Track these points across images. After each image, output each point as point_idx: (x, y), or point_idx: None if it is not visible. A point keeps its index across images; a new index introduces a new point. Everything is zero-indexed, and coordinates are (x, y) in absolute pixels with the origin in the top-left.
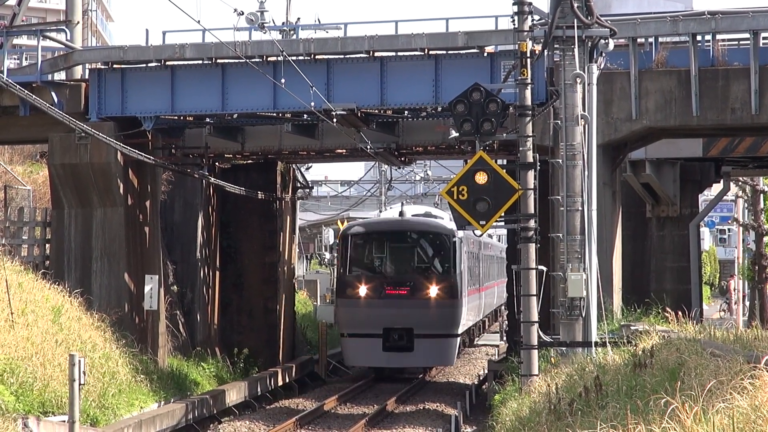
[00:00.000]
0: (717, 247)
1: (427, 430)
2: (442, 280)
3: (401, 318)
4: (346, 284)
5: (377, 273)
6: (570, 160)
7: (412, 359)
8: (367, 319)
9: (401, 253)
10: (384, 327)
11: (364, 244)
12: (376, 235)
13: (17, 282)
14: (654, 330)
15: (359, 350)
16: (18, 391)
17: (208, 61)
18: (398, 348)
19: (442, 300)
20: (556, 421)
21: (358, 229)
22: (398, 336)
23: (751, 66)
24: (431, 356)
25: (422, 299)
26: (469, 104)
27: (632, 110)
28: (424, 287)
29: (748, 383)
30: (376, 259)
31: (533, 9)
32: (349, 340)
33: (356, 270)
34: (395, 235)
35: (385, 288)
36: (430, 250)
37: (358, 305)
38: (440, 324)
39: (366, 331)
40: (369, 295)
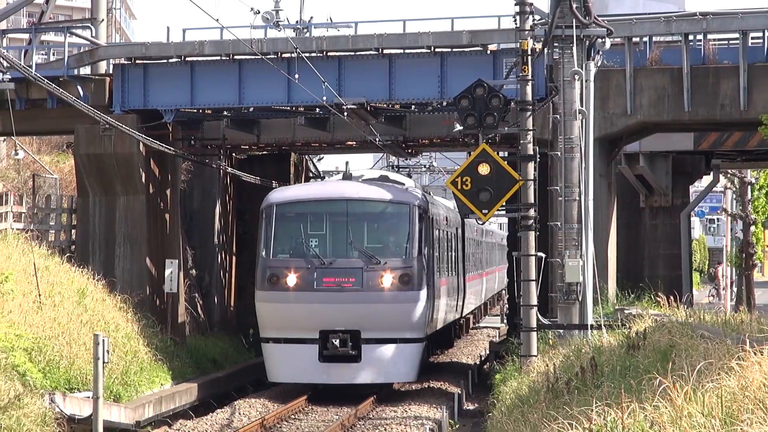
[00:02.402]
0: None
1: (431, 407)
2: (399, 265)
3: (344, 317)
4: (270, 272)
5: (311, 257)
6: (568, 153)
7: (358, 373)
8: (298, 319)
9: (344, 230)
10: (320, 329)
11: (295, 218)
12: (310, 205)
13: (44, 265)
14: (647, 314)
15: (287, 361)
16: (45, 369)
17: (226, 58)
18: (340, 358)
19: (400, 292)
20: (553, 399)
21: (285, 197)
22: (340, 341)
23: (740, 64)
24: (384, 369)
25: (372, 292)
26: (473, 99)
27: (627, 106)
28: (374, 276)
29: (735, 364)
30: (310, 239)
31: (534, 9)
32: (272, 348)
33: (283, 253)
34: (336, 205)
35: (321, 277)
36: (385, 226)
37: (284, 300)
38: (397, 324)
39: (296, 336)
40: (300, 287)
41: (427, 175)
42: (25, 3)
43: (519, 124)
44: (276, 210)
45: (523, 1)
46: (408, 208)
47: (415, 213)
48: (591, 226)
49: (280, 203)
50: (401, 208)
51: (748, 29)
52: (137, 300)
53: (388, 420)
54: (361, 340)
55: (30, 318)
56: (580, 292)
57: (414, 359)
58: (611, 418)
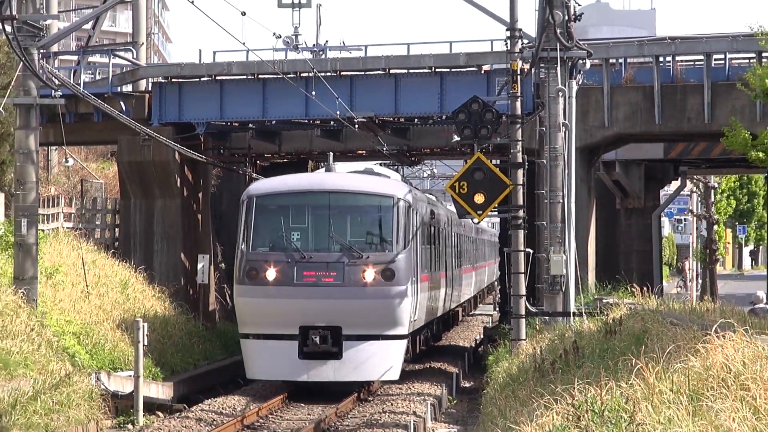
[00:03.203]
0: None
1: (432, 385)
2: (382, 260)
3: (324, 313)
4: (249, 266)
5: (292, 251)
6: (553, 161)
7: (339, 370)
8: (277, 315)
9: (326, 223)
10: (300, 325)
11: (275, 211)
12: (291, 197)
13: (91, 260)
14: (622, 303)
15: (266, 358)
16: (92, 351)
17: (251, 77)
18: (320, 355)
19: (382, 287)
20: (540, 378)
21: (266, 189)
22: (320, 338)
23: (705, 83)
24: (366, 366)
25: (354, 287)
26: (469, 114)
27: (605, 119)
28: (356, 270)
29: (700, 347)
30: (291, 232)
31: (523, 34)
32: (251, 344)
33: (262, 246)
34: (318, 198)
35: (301, 271)
36: (368, 219)
37: (263, 295)
38: (379, 321)
39: (275, 331)
40: (280, 281)
41: (429, 180)
42: (74, 28)
43: (509, 136)
44: (256, 202)
45: (513, 27)
46: (391, 201)
47: (399, 206)
48: (573, 226)
49: (260, 195)
50: (385, 200)
51: (712, 52)
52: (173, 290)
53: (394, 396)
54: (342, 337)
55: (78, 306)
56: (564, 284)
57: (397, 357)
58: (591, 394)
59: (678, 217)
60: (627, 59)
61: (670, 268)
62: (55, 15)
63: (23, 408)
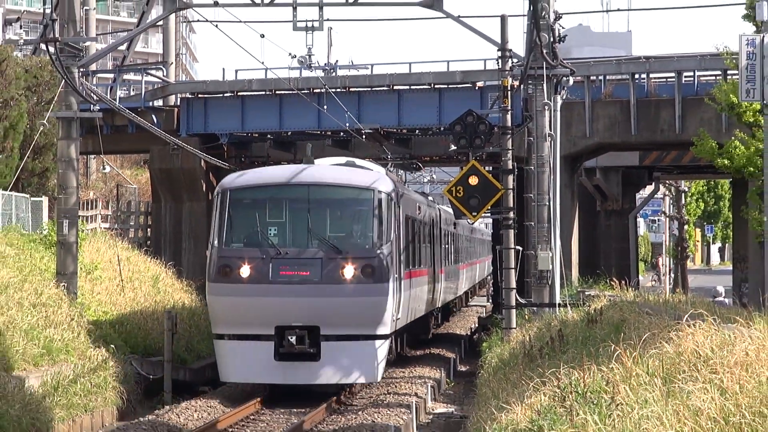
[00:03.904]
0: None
1: (432, 369)
2: (362, 256)
3: (302, 312)
4: (221, 263)
5: (267, 246)
6: (540, 168)
7: (317, 373)
8: (252, 314)
9: (304, 217)
10: (277, 325)
11: (250, 204)
12: (267, 190)
13: (126, 257)
14: (603, 295)
15: (240, 359)
16: (126, 338)
17: (269, 92)
18: (298, 356)
19: (363, 285)
20: (529, 362)
21: (241, 181)
22: (297, 338)
23: (676, 98)
24: (345, 368)
25: (332, 284)
26: (465, 125)
27: (586, 130)
28: (336, 267)
29: (673, 335)
30: (267, 226)
31: (512, 54)
32: (225, 345)
33: (236, 242)
34: (295, 191)
35: (278, 268)
36: (348, 214)
37: (237, 293)
38: (359, 320)
39: (250, 331)
40: (255, 278)
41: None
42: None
43: (501, 145)
44: (230, 195)
45: (504, 47)
46: (372, 194)
47: (382, 199)
48: (558, 226)
49: (234, 188)
50: (366, 193)
51: (682, 69)
52: (199, 284)
53: (398, 379)
54: (320, 337)
55: (114, 298)
56: (550, 278)
57: (378, 358)
58: (575, 377)
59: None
60: (606, 76)
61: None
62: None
63: (65, 390)
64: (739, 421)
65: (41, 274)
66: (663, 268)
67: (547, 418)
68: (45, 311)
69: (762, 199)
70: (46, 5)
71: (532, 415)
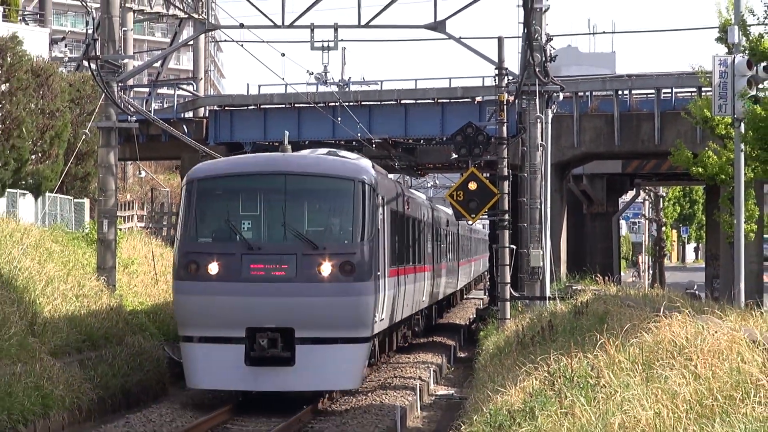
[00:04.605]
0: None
1: (434, 355)
2: (341, 251)
3: (275, 312)
4: (188, 259)
5: (238, 241)
6: (532, 174)
7: (291, 379)
8: (220, 314)
9: (278, 209)
10: (247, 327)
11: (220, 196)
12: (238, 181)
13: (159, 253)
14: (588, 289)
15: (208, 364)
16: (160, 326)
17: (289, 105)
18: (270, 361)
19: (341, 283)
20: (522, 350)
21: (210, 171)
22: (269, 341)
23: (655, 112)
24: (322, 374)
25: (308, 283)
26: (465, 136)
27: (574, 141)
28: (312, 264)
29: (652, 325)
30: (238, 219)
31: (508, 72)
32: (192, 348)
33: (204, 237)
34: (269, 180)
35: (249, 264)
36: (326, 205)
37: (204, 292)
38: (337, 321)
39: (219, 334)
40: (224, 276)
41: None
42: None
43: (497, 154)
44: (198, 186)
45: (500, 66)
46: (353, 185)
47: (362, 190)
48: (548, 227)
49: (203, 178)
50: (344, 183)
51: (661, 87)
52: None
53: (404, 364)
54: (295, 340)
55: (149, 290)
56: (541, 274)
57: (357, 362)
58: (563, 363)
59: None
60: (592, 92)
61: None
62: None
63: (104, 372)
64: (711, 403)
65: (83, 269)
66: (642, 265)
67: (538, 400)
68: (87, 302)
69: (732, 204)
70: (89, 26)
71: (524, 397)
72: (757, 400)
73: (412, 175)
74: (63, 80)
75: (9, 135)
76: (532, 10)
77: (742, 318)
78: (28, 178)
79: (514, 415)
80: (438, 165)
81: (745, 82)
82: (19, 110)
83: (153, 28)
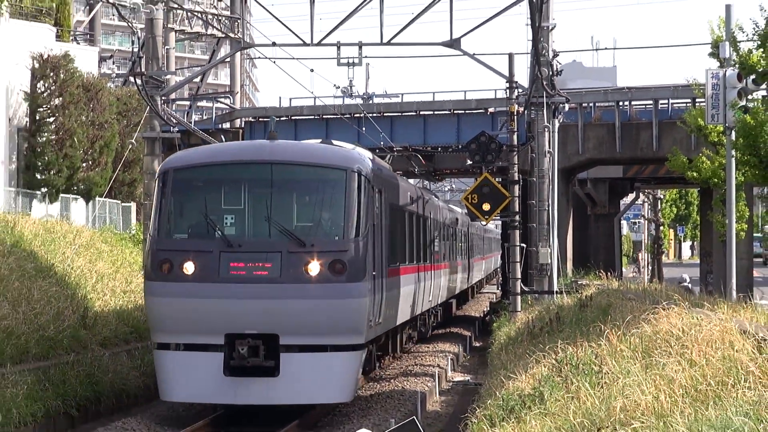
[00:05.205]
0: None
1: (452, 344)
2: (331, 249)
3: (257, 317)
4: (162, 256)
5: (217, 237)
6: (540, 179)
7: (275, 391)
8: (197, 319)
9: (261, 201)
10: (227, 333)
11: (197, 187)
12: (218, 171)
13: None
14: (592, 284)
15: (183, 374)
16: None
17: (318, 117)
18: (251, 371)
19: (331, 284)
20: (532, 339)
21: (186, 160)
22: (249, 349)
23: (653, 121)
24: (309, 385)
25: (295, 283)
26: (479, 144)
27: (579, 148)
28: (299, 262)
29: (651, 317)
30: (217, 213)
31: (518, 85)
32: (165, 356)
33: (179, 232)
34: (252, 170)
35: (229, 263)
36: (315, 198)
37: (179, 294)
38: (327, 326)
39: (195, 340)
40: (200, 276)
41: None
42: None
43: (509, 160)
44: (173, 176)
45: (511, 80)
46: (345, 175)
47: (355, 180)
48: (555, 227)
49: (179, 168)
50: (334, 173)
51: (658, 98)
52: None
53: (423, 353)
54: (279, 347)
55: None
56: (549, 270)
57: (349, 372)
58: (570, 352)
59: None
60: (595, 104)
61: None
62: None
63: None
64: (705, 388)
65: (130, 267)
66: (642, 262)
67: (546, 386)
68: (133, 297)
69: (724, 205)
70: (135, 45)
71: (534, 382)
72: (747, 385)
73: (430, 180)
74: (111, 94)
75: (62, 145)
76: (540, 28)
77: (733, 310)
78: (79, 184)
79: (525, 399)
80: (454, 170)
81: (735, 94)
82: (72, 122)
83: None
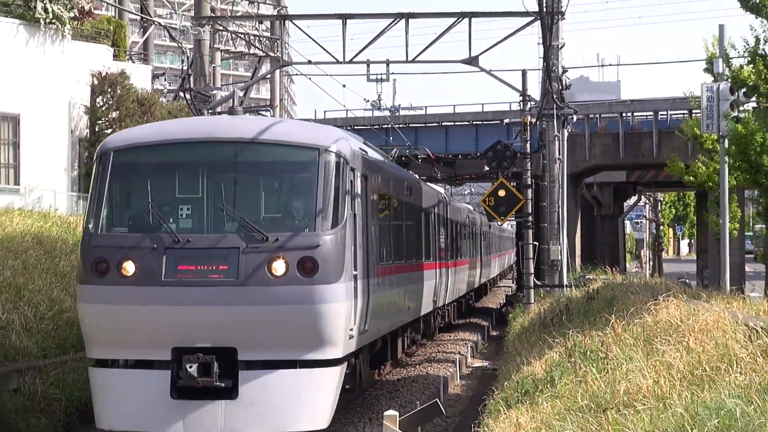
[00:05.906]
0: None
1: (471, 333)
2: (300, 244)
3: (211, 327)
4: (96, 254)
5: (161, 232)
6: (551, 183)
7: (232, 417)
8: (139, 330)
9: (217, 189)
10: (174, 347)
11: (139, 172)
12: (164, 152)
13: None
14: (599, 278)
15: (123, 397)
16: None
17: (349, 128)
18: (203, 392)
19: (300, 286)
20: (544, 329)
21: (129, 139)
22: (200, 366)
23: (654, 131)
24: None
25: (255, 286)
26: (495, 152)
27: (586, 155)
28: (261, 261)
29: (652, 308)
30: (164, 203)
31: (530, 98)
32: (100, 375)
33: (119, 226)
34: (206, 151)
35: (176, 263)
36: (281, 184)
37: (117, 300)
38: (295, 338)
39: (136, 356)
40: (142, 278)
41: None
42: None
43: (522, 166)
44: (112, 159)
45: (524, 93)
46: (317, 155)
47: (329, 162)
48: (565, 227)
49: (119, 148)
50: (305, 153)
51: (658, 109)
52: None
53: (445, 341)
54: (238, 364)
55: None
56: (559, 265)
57: (324, 393)
58: (578, 339)
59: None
60: (601, 115)
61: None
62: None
63: None
64: (701, 373)
65: None
66: (644, 258)
67: (557, 371)
68: None
69: (718, 207)
70: (184, 64)
71: (546, 368)
72: (739, 370)
73: (452, 185)
74: (163, 108)
75: None
76: (551, 47)
77: (726, 302)
78: None
79: (538, 382)
80: (473, 176)
81: (728, 106)
82: None
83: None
